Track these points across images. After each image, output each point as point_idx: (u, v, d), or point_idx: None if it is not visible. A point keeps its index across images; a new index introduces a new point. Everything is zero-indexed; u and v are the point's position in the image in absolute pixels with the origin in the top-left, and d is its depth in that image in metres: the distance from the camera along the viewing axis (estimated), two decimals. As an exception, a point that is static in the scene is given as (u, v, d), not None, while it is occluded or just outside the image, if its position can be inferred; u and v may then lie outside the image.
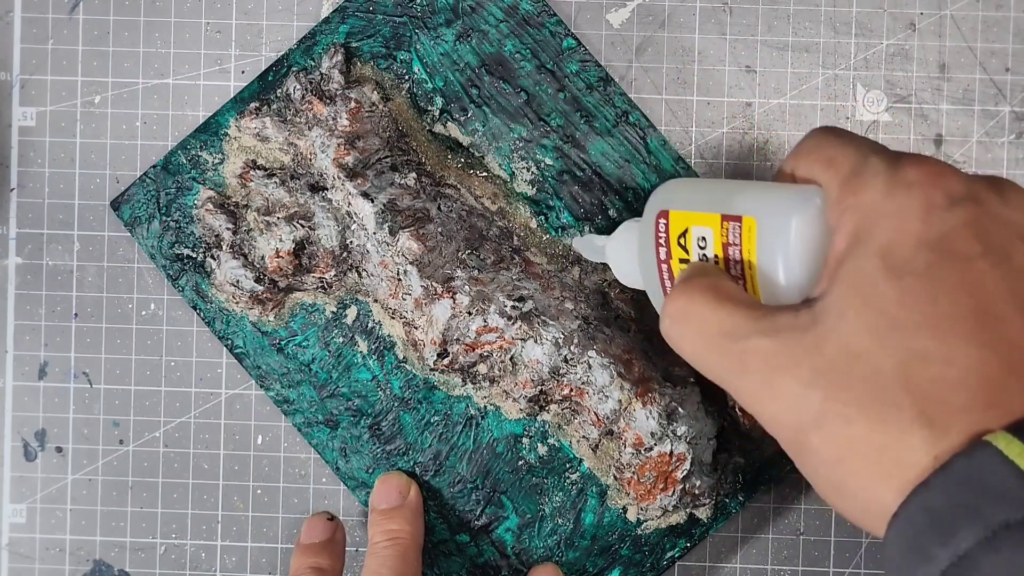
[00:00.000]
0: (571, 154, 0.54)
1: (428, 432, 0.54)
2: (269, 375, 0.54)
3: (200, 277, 0.54)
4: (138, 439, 0.56)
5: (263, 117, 0.53)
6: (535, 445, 0.54)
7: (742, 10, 0.55)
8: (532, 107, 0.54)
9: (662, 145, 0.54)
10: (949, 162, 0.54)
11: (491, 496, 0.54)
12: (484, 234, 0.53)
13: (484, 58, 0.54)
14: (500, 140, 0.54)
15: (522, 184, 0.54)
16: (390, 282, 0.52)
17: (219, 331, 0.54)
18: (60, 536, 0.56)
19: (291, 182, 0.53)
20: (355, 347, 0.54)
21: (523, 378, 0.52)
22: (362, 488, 0.54)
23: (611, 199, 0.54)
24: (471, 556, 0.54)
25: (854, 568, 0.55)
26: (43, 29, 0.56)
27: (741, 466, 0.53)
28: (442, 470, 0.54)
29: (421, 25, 0.54)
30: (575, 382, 0.51)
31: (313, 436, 0.54)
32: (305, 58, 0.54)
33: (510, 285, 0.52)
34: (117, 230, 0.55)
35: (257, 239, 0.52)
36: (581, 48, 0.54)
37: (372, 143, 0.53)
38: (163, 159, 0.54)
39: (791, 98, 0.55)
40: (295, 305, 0.54)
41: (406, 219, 0.52)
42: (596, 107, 0.54)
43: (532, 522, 0.54)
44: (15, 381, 0.56)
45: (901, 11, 0.54)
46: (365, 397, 0.54)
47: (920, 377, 0.36)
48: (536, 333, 0.51)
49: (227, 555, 0.56)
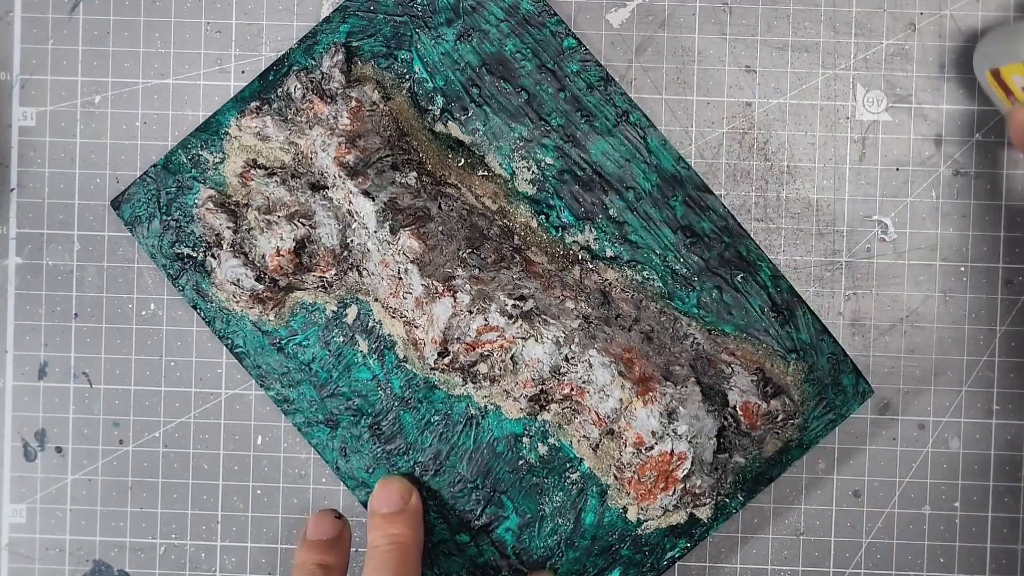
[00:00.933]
0: (572, 153, 0.54)
1: (428, 432, 0.54)
2: (269, 374, 0.54)
3: (200, 276, 0.54)
4: (138, 439, 0.56)
5: (264, 116, 0.53)
6: (535, 445, 0.54)
7: (742, 10, 0.55)
8: (533, 107, 0.54)
9: (662, 145, 0.54)
10: (949, 162, 0.54)
11: (491, 496, 0.54)
12: (485, 233, 0.53)
13: (485, 58, 0.54)
14: (501, 139, 0.54)
15: (523, 183, 0.54)
16: (391, 281, 0.52)
17: (219, 330, 0.54)
18: (60, 536, 0.56)
19: (292, 181, 0.53)
20: (355, 346, 0.54)
21: (524, 377, 0.52)
22: (362, 488, 0.54)
23: (611, 198, 0.54)
24: (471, 556, 0.54)
25: (854, 568, 0.55)
26: (43, 29, 0.56)
27: (741, 466, 0.53)
28: (442, 470, 0.54)
29: (422, 24, 0.54)
30: (576, 381, 0.51)
31: (313, 436, 0.54)
32: (306, 57, 0.54)
33: (511, 284, 0.52)
34: (117, 230, 0.55)
35: (258, 238, 0.52)
36: (582, 48, 0.54)
37: (373, 142, 0.53)
38: (164, 158, 0.54)
39: (791, 98, 0.55)
40: (295, 304, 0.54)
41: (407, 218, 0.52)
42: (597, 107, 0.54)
43: (532, 522, 0.54)
44: (15, 381, 0.56)
45: (901, 11, 0.55)
46: (365, 397, 0.54)
47: None
48: (537, 332, 0.51)
49: (227, 555, 0.56)
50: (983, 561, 0.55)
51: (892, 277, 0.55)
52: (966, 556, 0.55)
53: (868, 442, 0.55)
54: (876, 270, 0.55)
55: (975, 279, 0.55)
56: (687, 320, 0.54)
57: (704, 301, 0.54)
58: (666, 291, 0.54)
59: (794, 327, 0.53)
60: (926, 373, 0.55)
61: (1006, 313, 0.55)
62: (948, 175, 0.55)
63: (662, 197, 0.54)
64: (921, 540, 0.55)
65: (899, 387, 0.55)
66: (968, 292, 0.55)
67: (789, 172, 0.55)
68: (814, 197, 0.55)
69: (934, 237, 0.55)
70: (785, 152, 0.55)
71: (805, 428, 0.53)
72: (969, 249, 0.55)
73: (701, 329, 0.54)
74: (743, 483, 0.53)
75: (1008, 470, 0.55)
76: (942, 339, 0.55)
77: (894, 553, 0.55)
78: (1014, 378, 0.55)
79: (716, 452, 0.52)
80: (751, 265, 0.54)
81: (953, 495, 0.55)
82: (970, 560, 0.55)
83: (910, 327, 0.55)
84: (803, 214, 0.55)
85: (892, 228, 0.54)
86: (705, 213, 0.54)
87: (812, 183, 0.55)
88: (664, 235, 0.54)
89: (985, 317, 0.55)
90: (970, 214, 0.55)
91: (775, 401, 0.52)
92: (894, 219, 0.55)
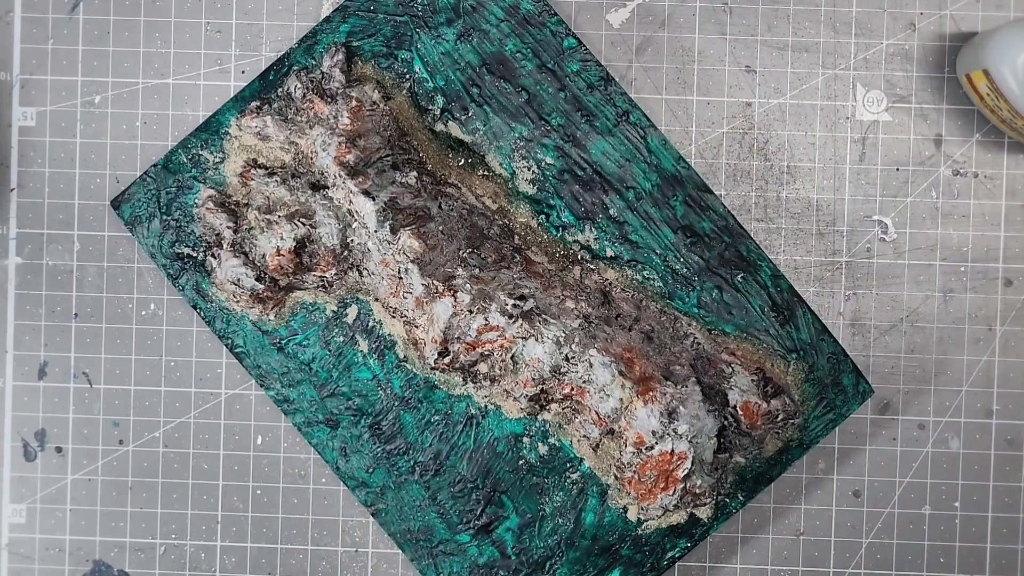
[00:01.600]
0: (572, 153, 0.54)
1: (428, 431, 0.54)
2: (269, 374, 0.54)
3: (200, 276, 0.54)
4: (138, 439, 0.56)
5: (264, 116, 0.53)
6: (536, 444, 0.54)
7: (742, 10, 0.55)
8: (533, 106, 0.54)
9: (663, 144, 0.54)
10: (949, 162, 0.54)
11: (491, 496, 0.54)
12: (485, 233, 0.53)
13: (485, 57, 0.54)
14: (501, 139, 0.54)
15: (523, 183, 0.54)
16: (391, 281, 0.52)
17: (219, 330, 0.54)
18: (60, 536, 0.56)
19: (292, 181, 0.53)
20: (356, 346, 0.54)
21: (524, 377, 0.52)
22: (362, 488, 0.54)
23: (612, 198, 0.54)
24: (471, 556, 0.54)
25: (854, 568, 0.55)
26: (43, 29, 0.56)
27: (741, 466, 0.53)
28: (442, 470, 0.54)
29: (422, 24, 0.54)
30: (576, 381, 0.51)
31: (313, 436, 0.54)
32: (306, 57, 0.54)
33: (511, 283, 0.52)
34: (117, 230, 0.55)
35: (258, 237, 0.52)
36: (582, 48, 0.54)
37: (373, 142, 0.53)
38: (164, 158, 0.54)
39: (791, 98, 0.55)
40: (295, 304, 0.54)
41: (407, 217, 0.52)
42: (597, 106, 0.54)
43: (532, 522, 0.54)
44: (15, 381, 0.56)
45: (901, 11, 0.55)
46: (365, 396, 0.54)
47: None
48: (537, 332, 0.51)
49: (227, 555, 0.56)
50: (983, 561, 0.55)
51: (892, 277, 0.55)
52: (966, 556, 0.55)
53: (868, 442, 0.55)
54: (876, 270, 0.55)
55: (975, 279, 0.55)
56: (687, 320, 0.54)
57: (704, 301, 0.54)
58: (666, 291, 0.54)
59: (794, 327, 0.53)
60: (926, 373, 0.55)
61: (1006, 313, 0.55)
62: (948, 175, 0.55)
63: (662, 197, 0.54)
64: (921, 540, 0.55)
65: (899, 387, 0.55)
66: (968, 292, 0.55)
67: (789, 172, 0.55)
68: (814, 197, 0.55)
69: (934, 237, 0.55)
70: (785, 152, 0.55)
71: (805, 428, 0.53)
72: (969, 249, 0.55)
73: (701, 329, 0.54)
74: (743, 483, 0.53)
75: (1008, 470, 0.55)
76: (942, 339, 0.55)
77: (894, 553, 0.55)
78: (1014, 378, 0.55)
79: (716, 452, 0.52)
80: (751, 265, 0.54)
81: (953, 495, 0.55)
82: (970, 560, 0.55)
83: (910, 327, 0.55)
84: (803, 214, 0.55)
85: (892, 228, 0.54)
86: (705, 213, 0.54)
87: (812, 183, 0.55)
88: (664, 235, 0.54)
89: (985, 317, 0.55)
90: (970, 214, 0.55)
91: (775, 401, 0.52)
92: (894, 219, 0.55)
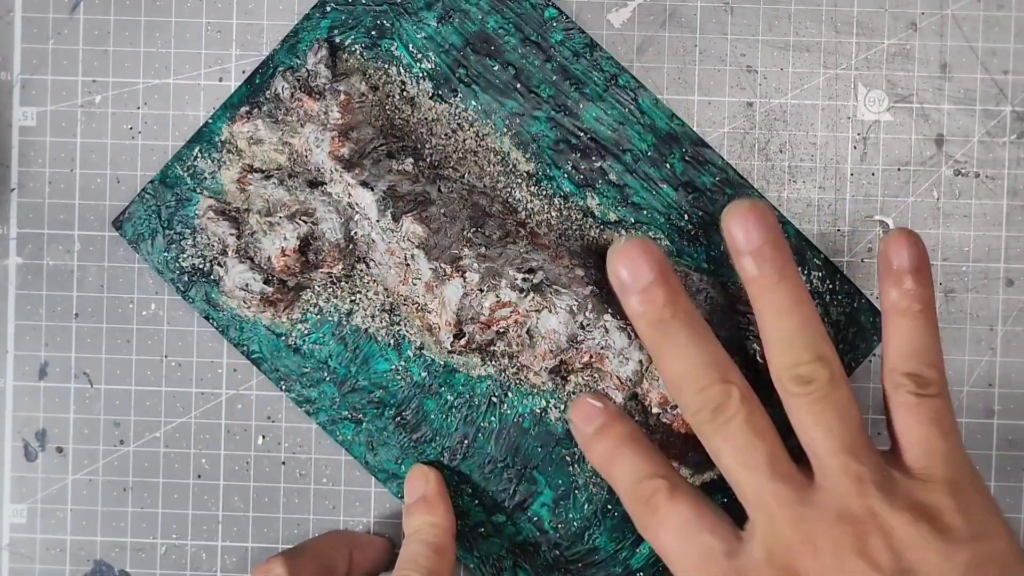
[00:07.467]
0: (565, 123, 0.54)
1: (452, 416, 0.54)
2: (288, 377, 0.54)
3: (209, 286, 0.54)
4: (138, 439, 0.56)
5: (255, 120, 0.53)
6: (561, 417, 0.54)
7: (743, 10, 0.55)
8: (521, 80, 0.54)
9: (654, 104, 0.54)
10: (951, 162, 0.54)
11: (523, 472, 0.54)
12: (487, 211, 0.53)
13: (468, 37, 0.54)
14: (493, 116, 0.54)
15: (519, 158, 0.54)
16: (399, 268, 0.52)
17: (234, 339, 0.54)
18: (60, 536, 0.56)
19: (289, 181, 0.53)
20: (371, 339, 0.54)
21: (542, 350, 0.52)
22: (392, 480, 0.54)
23: (609, 163, 0.54)
24: (509, 535, 0.54)
25: (855, 568, 0.55)
26: (43, 29, 0.55)
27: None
28: (471, 453, 0.54)
29: (402, 11, 0.54)
30: (594, 348, 0.51)
31: (339, 433, 0.54)
32: (290, 56, 0.54)
33: (519, 258, 0.52)
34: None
35: (262, 240, 0.52)
36: (563, 17, 0.54)
37: (366, 133, 0.53)
38: (160, 173, 0.54)
39: (792, 98, 0.55)
40: (307, 304, 0.54)
41: (408, 204, 0.52)
42: (584, 73, 0.54)
43: (567, 494, 0.54)
44: (15, 381, 0.56)
45: (902, 11, 0.55)
46: (386, 388, 0.54)
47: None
48: (550, 303, 0.51)
49: (227, 555, 0.56)
50: (984, 561, 0.55)
51: (893, 277, 0.55)
52: (967, 556, 0.55)
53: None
54: (877, 270, 0.55)
55: (976, 279, 0.55)
56: (698, 276, 0.54)
57: (712, 255, 0.54)
58: (674, 249, 0.54)
59: (805, 271, 0.54)
60: (927, 373, 0.55)
61: (1008, 313, 0.55)
62: (949, 175, 0.55)
63: (659, 156, 0.54)
64: (922, 540, 0.55)
65: (900, 387, 0.55)
66: (968, 292, 0.55)
67: (790, 172, 0.55)
68: (815, 197, 0.55)
69: (935, 237, 0.55)
70: (786, 152, 0.55)
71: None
72: (971, 249, 0.55)
73: (713, 283, 0.53)
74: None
75: (1008, 470, 0.55)
76: (943, 339, 0.55)
77: (895, 553, 0.55)
78: (1015, 378, 0.55)
79: None
80: None
81: (954, 495, 0.55)
82: (971, 560, 0.55)
83: (911, 327, 0.55)
84: (804, 214, 0.55)
85: (893, 228, 0.54)
86: (704, 167, 0.54)
87: (813, 183, 0.55)
88: (666, 194, 0.54)
89: (985, 317, 0.55)
90: (971, 214, 0.55)
91: None
92: (895, 219, 0.55)
